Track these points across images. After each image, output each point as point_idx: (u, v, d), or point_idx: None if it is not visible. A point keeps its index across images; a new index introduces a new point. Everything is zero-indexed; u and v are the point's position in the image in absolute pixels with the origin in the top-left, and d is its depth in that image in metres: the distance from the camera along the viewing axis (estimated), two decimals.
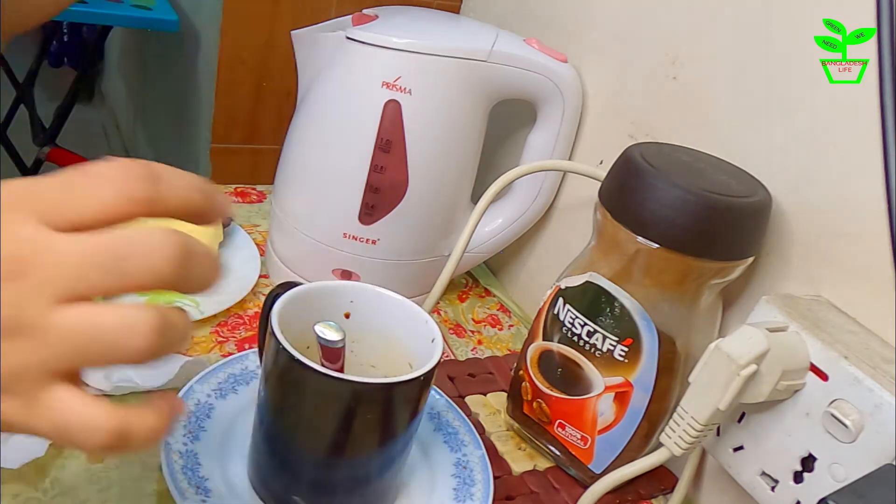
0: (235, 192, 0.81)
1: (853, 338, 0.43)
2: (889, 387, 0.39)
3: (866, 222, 0.44)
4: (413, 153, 0.60)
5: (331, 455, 0.44)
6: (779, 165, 0.49)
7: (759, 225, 0.48)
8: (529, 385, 0.55)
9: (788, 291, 0.48)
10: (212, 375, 0.51)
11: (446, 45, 0.59)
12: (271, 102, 0.89)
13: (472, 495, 0.49)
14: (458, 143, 0.63)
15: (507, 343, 0.70)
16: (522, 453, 0.56)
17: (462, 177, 0.65)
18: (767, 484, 0.45)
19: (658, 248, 0.46)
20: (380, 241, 0.63)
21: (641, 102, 0.61)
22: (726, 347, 0.41)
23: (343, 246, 0.63)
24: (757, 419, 0.45)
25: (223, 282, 0.74)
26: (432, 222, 0.65)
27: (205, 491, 0.44)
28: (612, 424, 0.51)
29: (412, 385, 0.42)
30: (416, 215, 0.63)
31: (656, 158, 0.48)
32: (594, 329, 0.50)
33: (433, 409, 0.54)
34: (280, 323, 0.42)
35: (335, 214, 0.63)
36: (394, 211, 0.61)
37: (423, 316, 0.47)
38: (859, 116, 0.44)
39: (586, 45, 0.66)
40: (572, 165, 0.65)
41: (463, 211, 0.66)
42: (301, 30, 0.63)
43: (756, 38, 0.51)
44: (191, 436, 0.47)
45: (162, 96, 1.44)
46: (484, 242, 0.69)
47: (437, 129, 0.61)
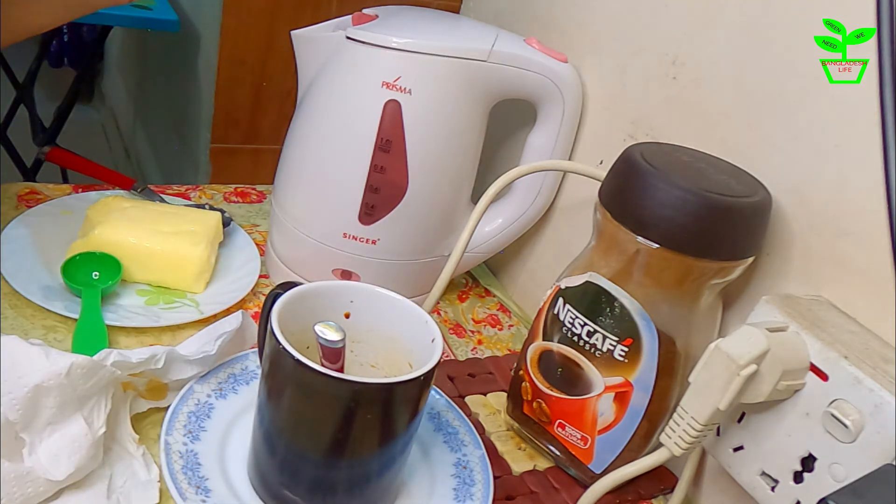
0: (235, 192, 0.81)
1: (853, 338, 0.43)
2: (889, 387, 0.39)
3: (866, 222, 0.44)
4: (413, 153, 0.60)
5: (331, 455, 0.44)
6: (779, 165, 0.49)
7: (759, 225, 0.48)
8: (529, 385, 0.55)
9: (788, 291, 0.48)
10: (212, 375, 0.51)
11: (446, 45, 0.59)
12: (271, 102, 0.90)
13: (472, 495, 0.49)
14: (458, 143, 0.63)
15: (507, 343, 0.70)
16: (522, 453, 0.56)
17: (462, 177, 0.65)
18: (767, 484, 0.45)
19: (658, 248, 0.46)
20: (380, 241, 0.63)
21: (641, 102, 0.61)
22: (726, 347, 0.41)
23: (343, 246, 0.63)
24: (757, 419, 0.45)
25: (223, 282, 0.75)
26: (432, 222, 0.65)
27: (205, 491, 0.44)
28: (612, 424, 0.51)
29: (412, 385, 0.42)
30: (416, 215, 0.63)
31: (656, 158, 0.48)
32: (594, 329, 0.50)
33: (433, 409, 0.54)
34: (280, 323, 0.42)
35: (335, 214, 0.63)
36: (394, 211, 0.61)
37: (423, 316, 0.47)
38: (859, 116, 0.44)
39: (586, 45, 0.66)
40: (572, 165, 0.65)
41: (463, 211, 0.66)
42: (301, 30, 0.63)
43: (756, 38, 0.51)
44: (191, 436, 0.47)
45: (162, 96, 1.44)
46: (484, 242, 0.69)
47: (437, 129, 0.61)
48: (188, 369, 0.50)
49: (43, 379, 0.42)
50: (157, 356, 0.47)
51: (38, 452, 0.43)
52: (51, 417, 0.43)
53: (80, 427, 0.44)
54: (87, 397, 0.44)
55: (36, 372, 0.42)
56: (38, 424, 0.43)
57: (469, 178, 0.66)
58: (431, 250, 0.66)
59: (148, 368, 0.47)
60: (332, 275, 0.65)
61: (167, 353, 0.48)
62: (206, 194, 0.79)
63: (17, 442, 0.43)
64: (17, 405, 0.42)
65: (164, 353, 0.48)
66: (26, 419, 0.43)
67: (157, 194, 0.73)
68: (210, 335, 0.51)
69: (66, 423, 0.43)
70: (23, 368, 0.42)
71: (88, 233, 0.61)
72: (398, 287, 0.50)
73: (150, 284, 0.63)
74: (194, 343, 0.51)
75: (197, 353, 0.50)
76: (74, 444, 0.43)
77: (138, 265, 0.61)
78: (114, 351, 0.45)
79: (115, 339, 0.56)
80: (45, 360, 0.43)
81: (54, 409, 0.43)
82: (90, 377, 0.44)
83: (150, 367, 0.47)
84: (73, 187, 0.73)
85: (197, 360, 0.50)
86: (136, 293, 0.62)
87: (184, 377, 0.50)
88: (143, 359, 0.47)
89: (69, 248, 0.61)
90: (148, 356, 0.47)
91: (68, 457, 0.43)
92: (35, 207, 0.67)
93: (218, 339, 0.51)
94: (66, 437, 0.43)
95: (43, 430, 0.43)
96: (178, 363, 0.49)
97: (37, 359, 0.43)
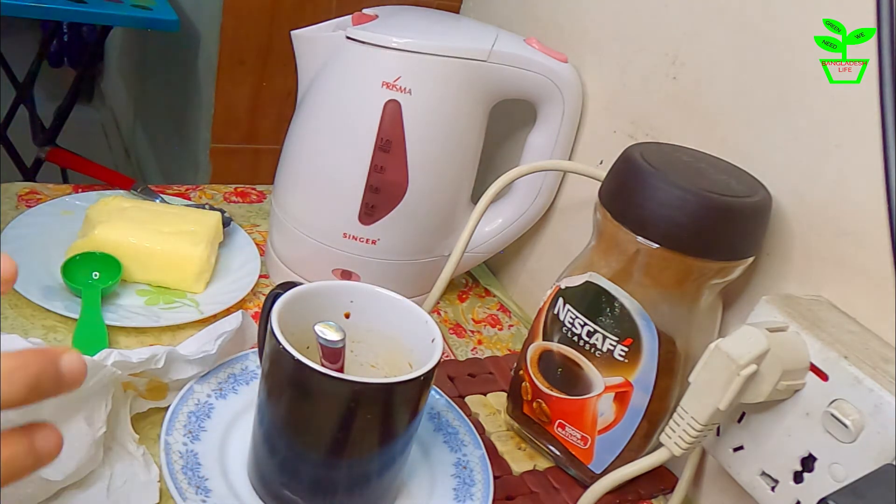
0: (235, 192, 0.81)
1: (853, 338, 0.43)
2: (889, 387, 0.39)
3: (866, 222, 0.44)
4: (413, 153, 0.60)
5: (331, 455, 0.44)
6: (779, 165, 0.49)
7: (759, 225, 0.48)
8: (529, 385, 0.55)
9: (788, 291, 0.48)
10: (212, 375, 0.51)
11: (446, 45, 0.59)
12: (271, 102, 0.90)
13: (472, 495, 0.49)
14: (458, 142, 0.63)
15: (507, 343, 0.70)
16: (522, 453, 0.56)
17: (462, 177, 0.65)
18: (767, 484, 0.45)
19: (658, 248, 0.46)
20: (380, 241, 0.63)
21: (641, 102, 0.61)
22: (726, 347, 0.41)
23: (343, 246, 0.63)
24: (757, 419, 0.45)
25: (223, 282, 0.75)
26: (432, 222, 0.65)
27: (205, 491, 0.44)
28: (612, 424, 0.51)
29: (412, 385, 0.42)
30: (416, 215, 0.63)
31: (656, 158, 0.48)
32: (594, 329, 0.50)
33: (433, 409, 0.54)
34: (280, 323, 0.42)
35: (335, 214, 0.63)
36: (394, 211, 0.61)
37: (423, 316, 0.47)
38: (859, 116, 0.44)
39: (586, 45, 0.66)
40: (572, 165, 0.65)
41: (463, 211, 0.66)
42: (301, 30, 0.63)
43: (756, 38, 0.51)
44: (191, 436, 0.47)
45: (162, 96, 1.44)
46: (484, 242, 0.69)
47: (437, 129, 0.61)
48: (188, 369, 0.50)
49: None
50: (158, 356, 0.47)
51: None
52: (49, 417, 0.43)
53: (81, 427, 0.44)
54: (87, 397, 0.44)
55: None
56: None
57: (469, 178, 0.66)
58: (431, 250, 0.66)
59: (148, 368, 0.47)
60: (332, 275, 0.65)
61: (167, 353, 0.48)
62: (206, 194, 0.79)
63: None
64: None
65: (165, 353, 0.48)
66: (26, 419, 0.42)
67: (157, 194, 0.73)
68: (210, 335, 0.51)
69: (67, 422, 0.43)
70: None
71: (88, 233, 0.61)
72: (398, 287, 0.50)
73: (150, 284, 0.63)
74: (194, 343, 0.51)
75: (197, 352, 0.50)
76: (75, 444, 0.43)
77: (138, 265, 0.61)
78: (114, 351, 0.45)
79: (115, 339, 0.56)
80: None
81: (53, 408, 0.43)
82: (91, 377, 0.44)
83: (151, 367, 0.47)
84: (73, 187, 0.73)
85: (197, 359, 0.50)
86: (136, 293, 0.62)
87: (184, 377, 0.49)
88: (144, 359, 0.47)
89: (69, 248, 0.61)
90: (148, 356, 0.47)
91: (68, 457, 0.43)
92: (35, 207, 0.67)
93: (218, 339, 0.51)
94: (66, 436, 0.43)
95: None
96: (179, 363, 0.49)
97: None
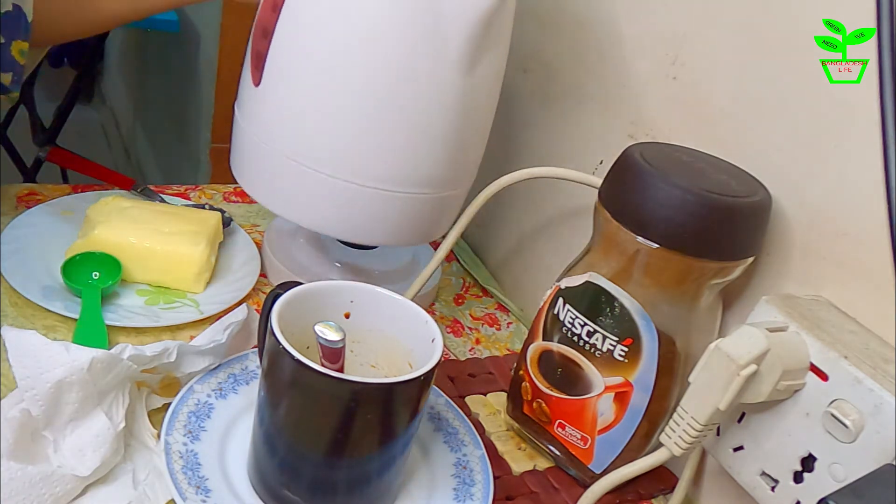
0: (235, 192, 0.81)
1: (853, 338, 0.43)
2: (889, 387, 0.39)
3: (866, 222, 0.44)
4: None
5: (331, 455, 0.44)
6: (779, 165, 0.49)
7: (759, 225, 0.48)
8: (529, 385, 0.55)
9: (788, 291, 0.48)
10: (212, 375, 0.51)
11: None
12: None
13: (472, 495, 0.49)
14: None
15: (505, 342, 0.70)
16: (522, 453, 0.56)
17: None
18: (767, 484, 0.45)
19: (658, 248, 0.46)
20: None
21: (641, 102, 0.61)
22: (726, 347, 0.41)
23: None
24: (757, 419, 0.45)
25: (223, 282, 0.75)
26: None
27: (205, 491, 0.44)
28: (612, 424, 0.51)
29: (412, 385, 0.42)
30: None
31: (656, 158, 0.48)
32: (594, 329, 0.50)
33: (433, 409, 0.54)
34: (280, 323, 0.42)
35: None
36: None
37: (424, 316, 0.47)
38: (859, 116, 0.44)
39: (586, 45, 0.66)
40: (566, 173, 0.64)
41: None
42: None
43: (756, 38, 0.51)
44: (191, 436, 0.47)
45: (162, 96, 1.44)
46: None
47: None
48: (200, 361, 0.50)
49: (65, 374, 0.42)
50: (170, 349, 0.48)
51: (62, 449, 0.43)
52: (72, 413, 0.43)
53: (103, 422, 0.44)
54: (106, 392, 0.45)
55: (58, 367, 0.42)
56: (61, 421, 0.43)
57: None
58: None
59: (161, 363, 0.48)
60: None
61: (178, 346, 0.48)
62: (206, 194, 0.79)
63: (40, 442, 0.43)
64: (40, 401, 0.42)
65: (176, 347, 0.48)
66: (48, 415, 0.43)
67: (157, 194, 0.73)
68: (218, 328, 0.52)
69: (88, 418, 0.44)
70: (45, 364, 0.42)
71: (88, 233, 0.61)
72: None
73: (150, 284, 0.63)
74: (202, 338, 0.52)
75: (207, 343, 0.50)
76: (98, 439, 0.43)
77: (138, 265, 0.61)
78: (128, 346, 0.46)
79: (115, 339, 0.56)
80: (67, 355, 0.43)
81: (76, 404, 0.43)
82: (108, 371, 0.44)
83: (164, 361, 0.48)
84: (73, 187, 0.73)
85: (208, 349, 0.50)
86: (136, 293, 0.62)
87: (196, 369, 0.50)
88: (157, 352, 0.47)
89: (69, 248, 0.61)
90: (161, 349, 0.47)
91: (93, 451, 0.43)
92: (35, 208, 0.67)
93: (227, 329, 0.51)
94: (89, 432, 0.43)
95: (65, 426, 0.43)
96: (190, 355, 0.50)
97: (58, 354, 0.43)
